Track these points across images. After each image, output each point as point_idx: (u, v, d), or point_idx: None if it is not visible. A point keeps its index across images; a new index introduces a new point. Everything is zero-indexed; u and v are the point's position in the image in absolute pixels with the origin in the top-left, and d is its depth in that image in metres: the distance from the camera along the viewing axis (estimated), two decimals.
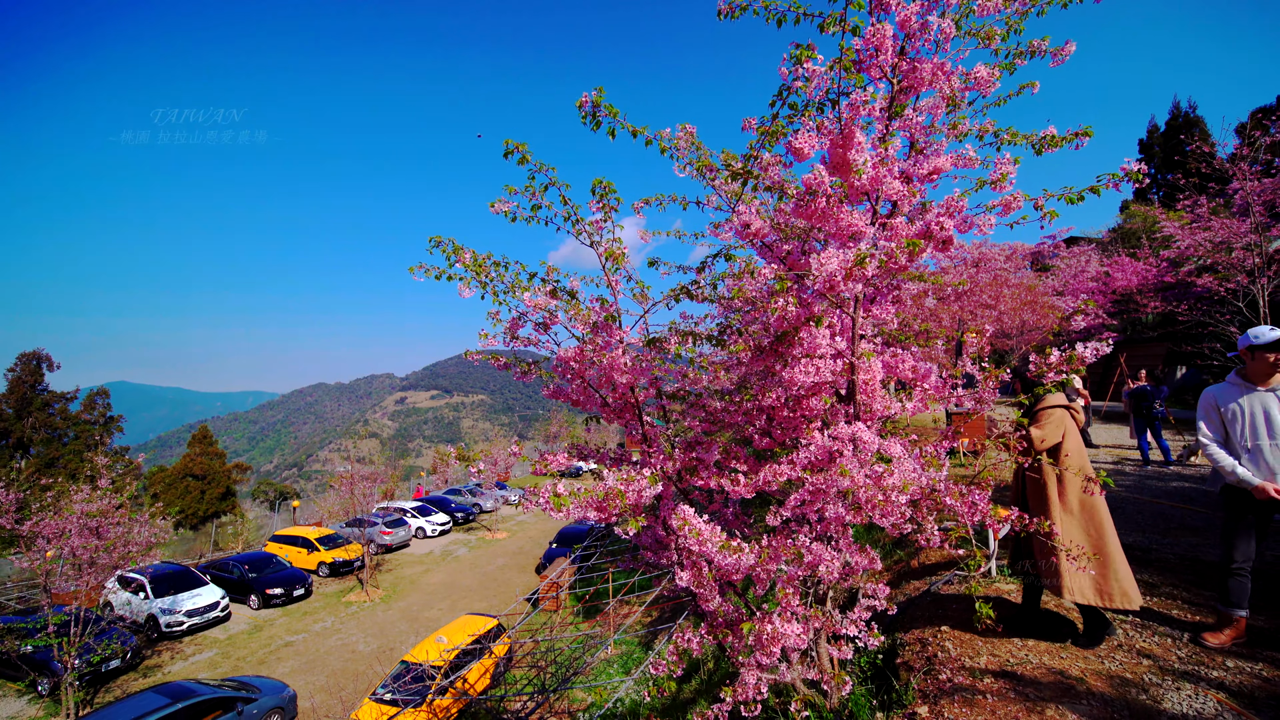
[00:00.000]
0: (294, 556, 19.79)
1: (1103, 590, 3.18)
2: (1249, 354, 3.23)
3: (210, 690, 8.91)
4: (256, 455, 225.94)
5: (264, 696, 9.51)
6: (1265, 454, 3.11)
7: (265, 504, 41.93)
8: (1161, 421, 8.98)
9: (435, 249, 2.84)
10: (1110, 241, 23.33)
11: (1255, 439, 3.14)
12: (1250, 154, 11.50)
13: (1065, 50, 2.66)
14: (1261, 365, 3.18)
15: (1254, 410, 3.16)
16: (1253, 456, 3.13)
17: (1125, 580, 3.18)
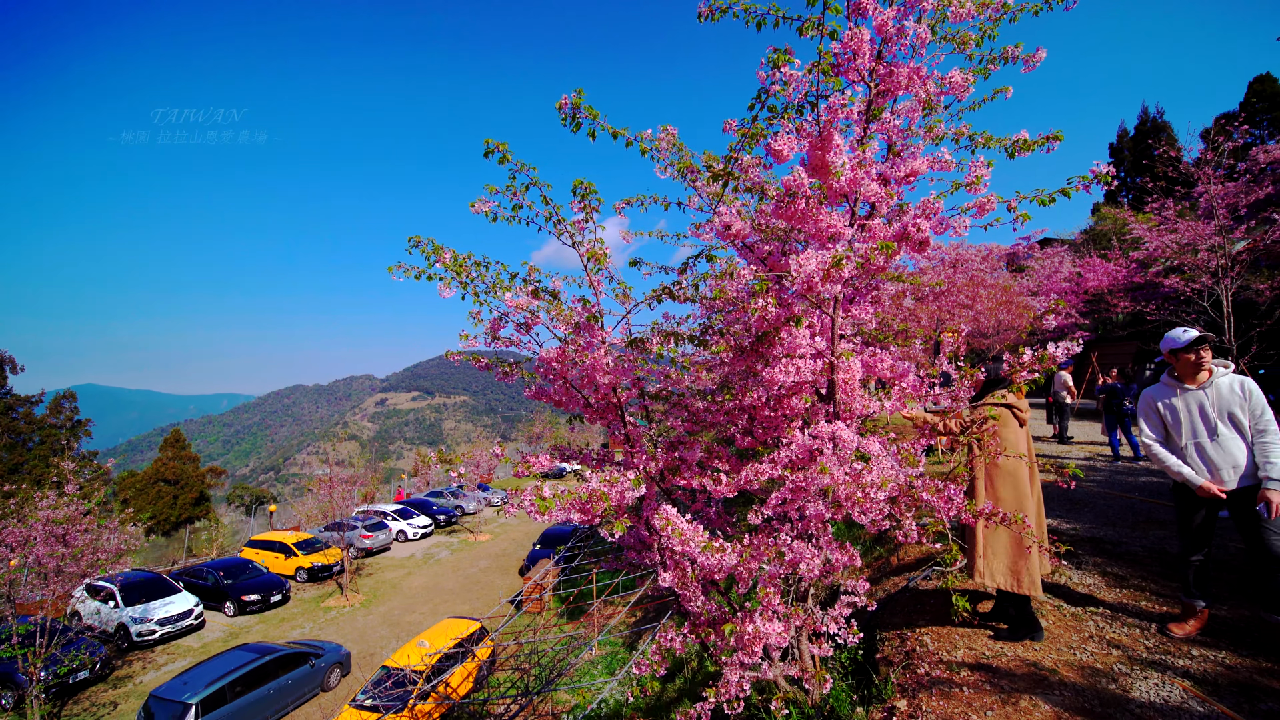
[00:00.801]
0: (271, 562, 19.41)
1: (1017, 575, 3.31)
2: (1172, 356, 3.37)
3: (288, 649, 11.28)
4: (232, 459, 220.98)
5: (327, 654, 11.90)
6: (1207, 450, 3.21)
7: (241, 509, 41.04)
8: (1131, 418, 9.24)
9: (414, 249, 2.81)
10: (1082, 243, 23.92)
11: (1195, 437, 3.25)
12: (1214, 159, 11.87)
13: (1036, 56, 2.72)
14: (1185, 366, 3.31)
15: (1190, 409, 3.28)
16: (1196, 453, 3.24)
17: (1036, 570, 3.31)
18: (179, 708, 9.07)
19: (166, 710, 9.14)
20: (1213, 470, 3.19)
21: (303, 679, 11.05)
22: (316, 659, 11.49)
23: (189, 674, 9.98)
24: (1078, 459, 9.35)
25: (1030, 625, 3.47)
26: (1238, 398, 3.21)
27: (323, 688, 11.57)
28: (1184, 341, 3.28)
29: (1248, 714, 2.64)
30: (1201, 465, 3.22)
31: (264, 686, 10.27)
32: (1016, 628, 3.51)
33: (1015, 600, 3.50)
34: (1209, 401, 3.25)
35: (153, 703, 9.39)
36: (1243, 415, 3.17)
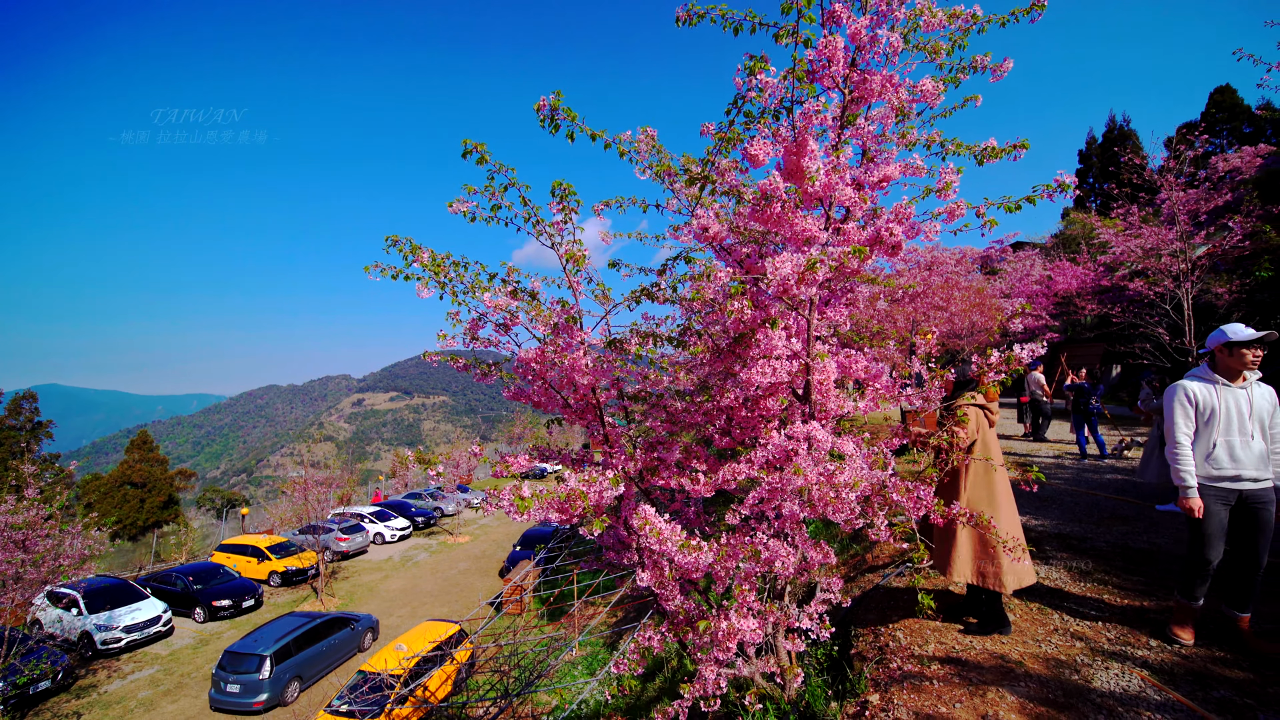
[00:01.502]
0: (243, 566, 18.97)
1: (984, 572, 3.38)
2: (1225, 351, 3.19)
3: (332, 614, 13.93)
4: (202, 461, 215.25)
5: (362, 621, 14.35)
6: (1237, 449, 3.11)
7: (212, 512, 40.03)
8: (1098, 417, 9.53)
9: (391, 248, 2.78)
10: (1053, 247, 24.56)
11: (1228, 434, 3.13)
12: (1176, 167, 12.30)
13: (1003, 67, 2.80)
14: (1238, 362, 3.15)
15: (1229, 406, 3.15)
16: (1226, 450, 3.12)
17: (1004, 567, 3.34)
18: (255, 659, 11.35)
19: (243, 661, 11.37)
20: (1239, 470, 3.09)
21: (346, 640, 13.45)
22: (355, 624, 13.90)
23: (257, 633, 12.36)
24: (1046, 457, 9.62)
25: (998, 620, 3.57)
26: (1272, 404, 3.18)
27: (359, 648, 13.87)
28: (1246, 337, 3.11)
29: (1201, 701, 2.75)
30: (1227, 461, 3.11)
31: (318, 644, 12.62)
32: (985, 622, 3.60)
33: (984, 596, 3.59)
34: (1247, 403, 3.14)
35: (228, 657, 11.53)
36: (1268, 422, 3.15)
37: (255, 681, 11.17)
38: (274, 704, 11.37)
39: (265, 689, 11.19)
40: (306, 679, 12.21)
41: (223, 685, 11.33)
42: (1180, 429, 3.22)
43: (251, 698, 11.11)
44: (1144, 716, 2.66)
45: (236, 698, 11.19)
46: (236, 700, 11.19)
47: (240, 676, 11.24)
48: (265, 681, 11.23)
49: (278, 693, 11.39)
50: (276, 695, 11.36)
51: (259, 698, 11.12)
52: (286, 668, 11.66)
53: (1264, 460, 3.12)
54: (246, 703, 11.14)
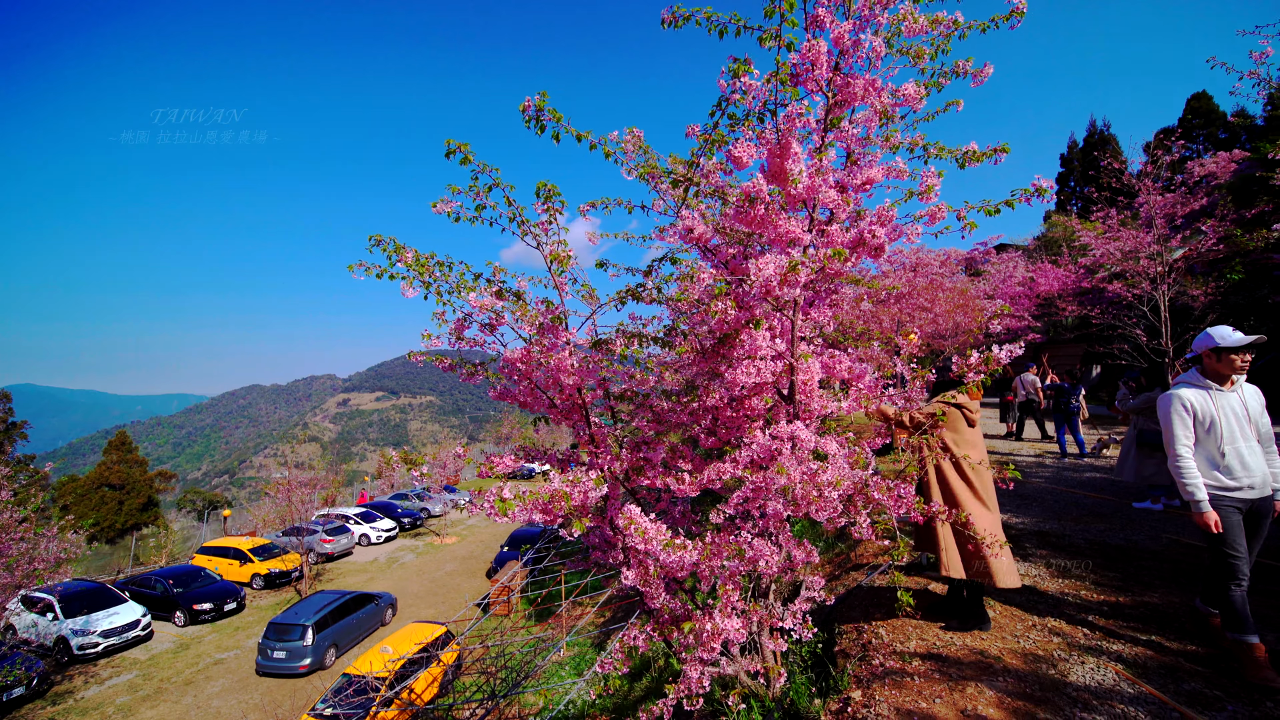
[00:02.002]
0: (225, 569, 18.69)
1: (971, 567, 3.44)
2: (1213, 355, 3.06)
3: (359, 592, 15.41)
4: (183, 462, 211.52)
5: (384, 599, 15.89)
6: (1245, 456, 2.96)
7: (193, 514, 39.37)
8: (1077, 416, 9.70)
9: (375, 248, 2.77)
10: (1035, 249, 24.96)
11: (1234, 442, 2.98)
12: (1154, 171, 12.57)
13: (984, 72, 2.85)
14: (1227, 367, 3.04)
15: (1227, 411, 3.01)
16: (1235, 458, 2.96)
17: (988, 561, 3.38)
18: (299, 629, 12.88)
19: (287, 631, 12.89)
20: (1251, 479, 2.94)
21: (372, 614, 15.07)
22: (379, 600, 15.53)
23: (296, 607, 13.96)
24: (1027, 456, 9.77)
25: (979, 617, 3.62)
26: (1262, 404, 3.08)
27: (382, 622, 15.42)
28: (1236, 342, 2.99)
29: (1172, 694, 2.82)
30: (1240, 470, 2.95)
31: (349, 617, 14.19)
32: (966, 618, 3.66)
33: (967, 592, 3.65)
34: (1241, 406, 3.03)
35: (272, 629, 13.01)
36: (1261, 424, 3.04)
37: (300, 648, 12.72)
38: (316, 668, 12.83)
39: (308, 654, 12.72)
40: (341, 647, 13.80)
41: (269, 653, 12.77)
42: (1180, 440, 3.04)
43: (296, 662, 12.62)
44: (1117, 709, 2.72)
45: (283, 663, 12.65)
46: (283, 665, 12.65)
47: (285, 644, 12.76)
48: (308, 648, 12.76)
49: (319, 658, 12.92)
50: (318, 660, 12.90)
51: (303, 662, 12.63)
52: (325, 636, 13.23)
53: (1262, 462, 3.00)
54: (292, 666, 12.60)
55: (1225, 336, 3.04)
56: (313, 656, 12.75)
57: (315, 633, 12.97)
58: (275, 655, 12.74)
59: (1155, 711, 2.70)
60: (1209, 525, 2.92)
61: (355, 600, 14.70)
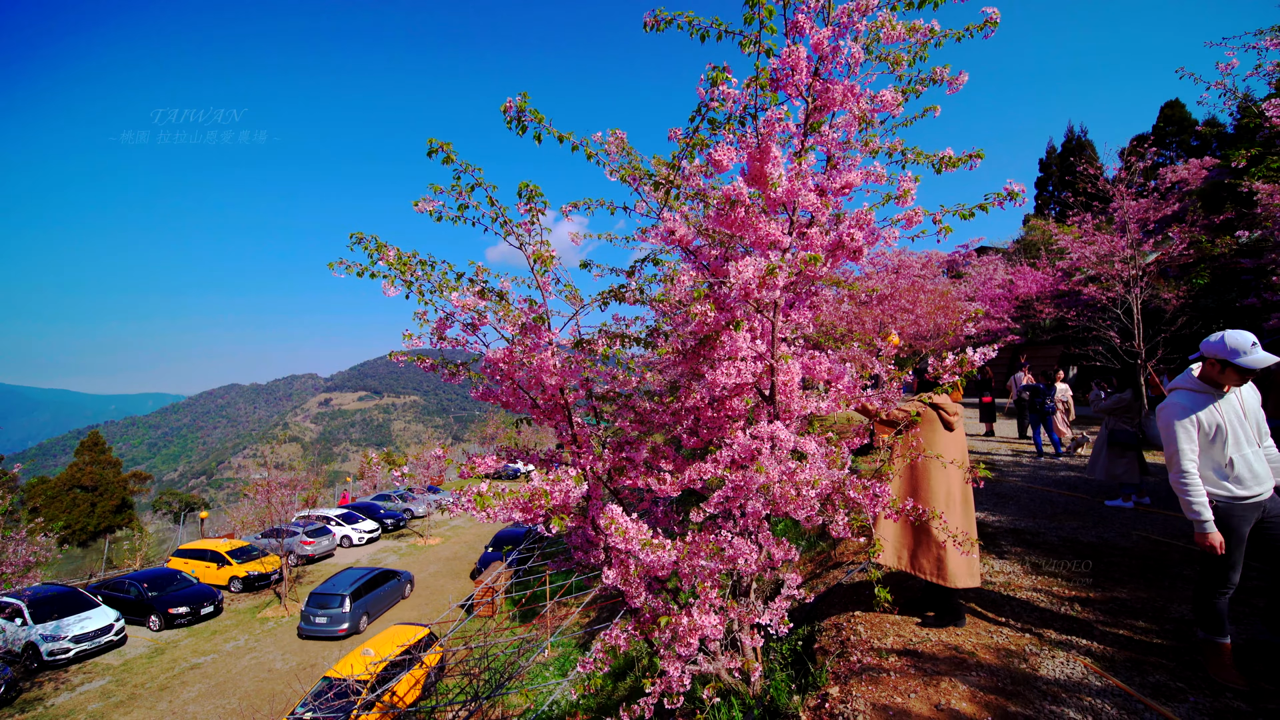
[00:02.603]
0: (202, 572, 18.35)
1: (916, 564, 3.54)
2: (1221, 366, 2.81)
3: (385, 569, 17.40)
4: (158, 463, 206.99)
5: (404, 575, 17.98)
6: (1252, 461, 2.81)
7: (168, 516, 38.57)
8: (1053, 417, 9.91)
9: (356, 245, 2.75)
10: (1014, 251, 25.42)
11: (1240, 449, 2.82)
12: (1128, 177, 12.89)
13: (960, 80, 2.91)
14: (1231, 380, 2.83)
15: (1229, 416, 2.85)
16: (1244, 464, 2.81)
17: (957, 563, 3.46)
18: (338, 598, 14.84)
19: (328, 600, 14.85)
20: (1260, 485, 2.81)
21: (395, 587, 17.29)
22: (400, 577, 17.62)
23: (333, 580, 15.87)
24: (1004, 455, 9.97)
25: (954, 613, 3.70)
26: (1258, 401, 2.93)
27: (403, 596, 17.63)
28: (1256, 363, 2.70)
29: (1138, 686, 2.91)
30: (1249, 478, 2.81)
31: (379, 589, 16.23)
32: (941, 615, 3.73)
33: (941, 591, 3.72)
34: (1240, 408, 2.88)
35: (314, 598, 15.00)
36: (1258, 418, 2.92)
37: (339, 614, 14.67)
38: (353, 631, 14.71)
39: (346, 619, 14.67)
40: (372, 615, 15.80)
41: (311, 619, 14.71)
42: (1186, 455, 2.82)
43: (336, 626, 14.57)
44: (1085, 702, 2.80)
45: (324, 627, 14.61)
46: (324, 629, 14.61)
47: (326, 611, 14.71)
48: (347, 614, 14.70)
49: (355, 623, 14.85)
50: (354, 625, 14.82)
51: (342, 626, 14.55)
52: (360, 605, 15.19)
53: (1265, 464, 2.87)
54: (333, 630, 14.55)
55: (1247, 353, 2.71)
56: (350, 621, 14.67)
57: (352, 601, 14.94)
58: (317, 621, 14.66)
59: (1121, 703, 2.78)
60: (1214, 547, 2.74)
61: (382, 575, 16.74)
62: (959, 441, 3.72)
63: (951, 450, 3.63)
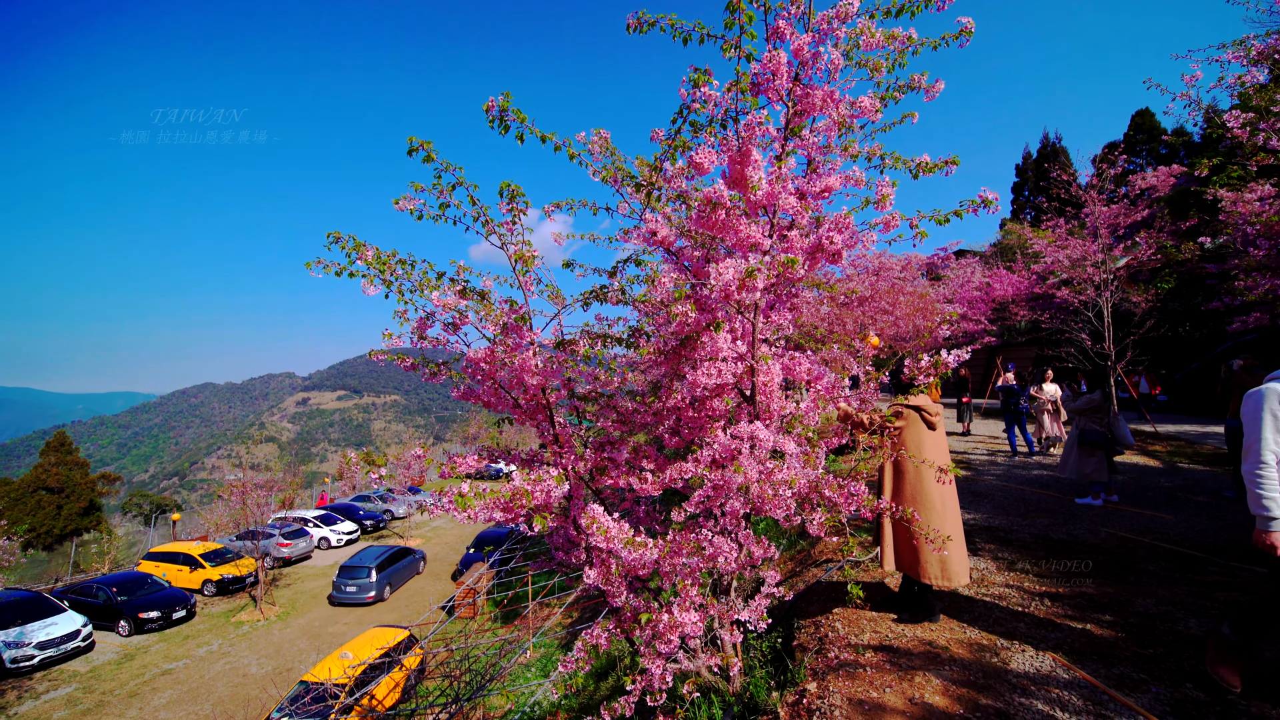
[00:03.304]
0: (174, 575, 17.91)
1: (914, 567, 3.58)
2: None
3: (402, 546, 20.19)
4: (128, 464, 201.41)
5: (418, 553, 20.52)
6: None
7: (139, 518, 37.58)
8: (1027, 417, 10.15)
9: (334, 244, 2.72)
10: (992, 255, 25.93)
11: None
12: (1099, 184, 13.24)
13: (936, 88, 2.97)
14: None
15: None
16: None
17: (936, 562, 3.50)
18: (365, 569, 17.41)
19: (357, 571, 17.40)
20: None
21: (412, 563, 19.74)
22: (415, 554, 20.18)
23: (359, 554, 18.45)
24: (981, 455, 10.17)
25: (927, 609, 3.78)
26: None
27: (417, 571, 20.15)
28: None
29: (1104, 677, 3.00)
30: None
31: (398, 563, 18.80)
32: (915, 612, 3.80)
33: (916, 587, 3.79)
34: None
35: (344, 570, 17.51)
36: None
37: (367, 583, 17.23)
38: (378, 600, 17.35)
39: (373, 588, 17.20)
40: (394, 585, 18.35)
41: (342, 588, 17.24)
42: (1268, 446, 2.64)
43: (364, 594, 17.13)
44: (1053, 694, 2.88)
45: (354, 595, 17.13)
46: (354, 596, 17.13)
47: (355, 581, 17.25)
48: (373, 584, 17.22)
49: (380, 592, 17.39)
50: (379, 593, 17.38)
51: (369, 594, 17.12)
52: (384, 575, 17.71)
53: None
54: (361, 598, 17.09)
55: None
56: (376, 590, 17.16)
57: (378, 573, 17.45)
58: (348, 590, 17.14)
59: (1087, 694, 2.87)
60: (1274, 547, 2.55)
61: (401, 551, 19.40)
62: (943, 441, 3.79)
63: (938, 451, 3.70)
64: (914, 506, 3.52)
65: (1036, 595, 4.09)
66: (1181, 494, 6.87)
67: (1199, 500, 6.55)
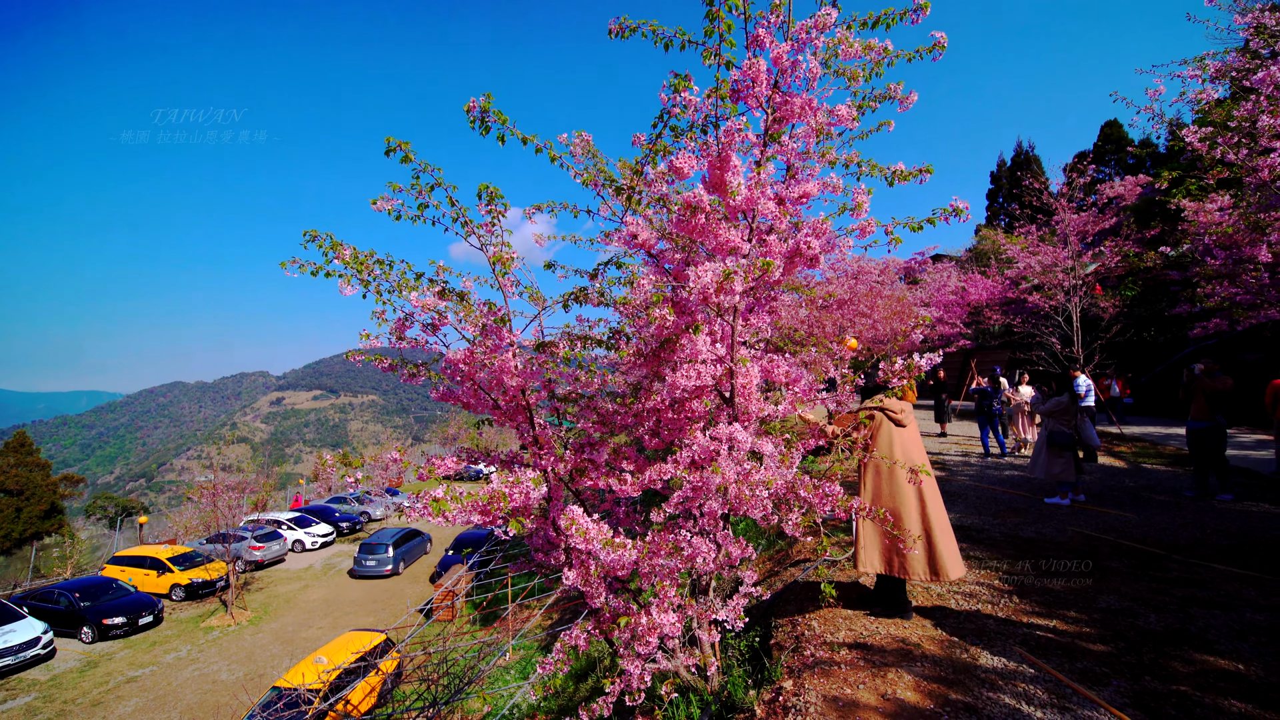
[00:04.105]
0: (141, 580, 17.43)
1: (890, 562, 3.66)
2: None
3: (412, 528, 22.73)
4: (92, 465, 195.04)
5: (424, 535, 23.28)
6: None
7: (104, 521, 36.45)
8: (999, 419, 10.39)
9: (310, 243, 2.68)
10: (967, 260, 26.50)
11: None
12: (1069, 192, 13.64)
13: (910, 99, 3.04)
14: None
15: None
16: None
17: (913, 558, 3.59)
18: (383, 546, 20.16)
19: (375, 548, 20.17)
20: None
21: (420, 543, 22.68)
22: (423, 535, 23.05)
23: (377, 534, 21.44)
24: (954, 455, 10.39)
25: (901, 606, 3.86)
26: None
27: (425, 551, 22.94)
28: None
29: (1067, 671, 3.10)
30: None
31: (410, 542, 21.74)
32: (889, 609, 3.88)
33: (891, 583, 3.87)
34: None
35: (364, 548, 20.32)
36: None
37: (385, 558, 20.04)
38: (394, 573, 20.10)
39: (390, 563, 20.02)
40: (407, 562, 21.24)
41: (363, 563, 20.01)
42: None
43: (383, 568, 19.94)
44: (1019, 688, 2.97)
45: (374, 568, 19.93)
46: (374, 570, 19.92)
47: (374, 556, 20.04)
48: (390, 559, 20.05)
49: (396, 566, 20.20)
50: (395, 568, 20.20)
51: (387, 567, 19.95)
52: (399, 552, 20.53)
53: None
54: (380, 571, 19.93)
55: None
56: (392, 565, 19.96)
57: (394, 549, 20.27)
58: (368, 564, 19.93)
59: (1052, 688, 2.96)
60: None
61: (412, 532, 22.30)
62: (915, 438, 3.87)
63: (912, 448, 3.77)
64: (892, 504, 3.59)
65: (1006, 592, 4.21)
66: (1145, 493, 7.11)
67: (1161, 499, 6.79)
